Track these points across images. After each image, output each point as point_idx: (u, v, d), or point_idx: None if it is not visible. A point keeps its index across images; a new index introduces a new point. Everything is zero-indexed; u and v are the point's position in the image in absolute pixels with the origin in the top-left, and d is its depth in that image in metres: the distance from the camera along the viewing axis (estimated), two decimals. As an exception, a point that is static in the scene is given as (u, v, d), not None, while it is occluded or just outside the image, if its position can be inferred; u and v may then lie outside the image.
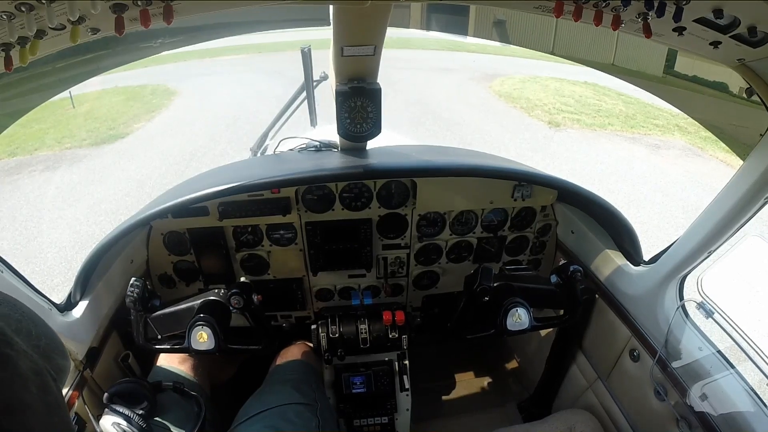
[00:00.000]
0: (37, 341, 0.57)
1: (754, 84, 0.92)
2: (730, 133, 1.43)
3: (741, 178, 1.05)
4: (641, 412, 1.50)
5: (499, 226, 1.86)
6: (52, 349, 0.60)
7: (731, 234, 1.16)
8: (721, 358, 1.24)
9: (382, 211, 1.76)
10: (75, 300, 1.43)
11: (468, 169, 1.66)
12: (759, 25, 0.74)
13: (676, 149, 7.94)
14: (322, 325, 1.69)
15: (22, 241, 4.97)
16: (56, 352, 0.60)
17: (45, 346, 0.58)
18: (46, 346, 0.58)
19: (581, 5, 0.76)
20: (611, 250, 1.64)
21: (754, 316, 1.15)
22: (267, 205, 1.66)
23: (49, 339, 0.60)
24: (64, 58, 1.04)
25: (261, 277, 1.85)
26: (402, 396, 1.75)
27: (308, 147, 2.00)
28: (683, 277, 1.37)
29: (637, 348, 1.49)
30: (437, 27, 17.30)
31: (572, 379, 1.85)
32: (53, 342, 0.61)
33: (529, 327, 1.53)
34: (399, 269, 1.92)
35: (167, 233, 1.71)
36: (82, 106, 10.54)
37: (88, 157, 7.64)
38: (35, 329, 0.58)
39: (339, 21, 0.95)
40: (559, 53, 9.88)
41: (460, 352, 2.51)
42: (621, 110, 10.15)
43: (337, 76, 1.24)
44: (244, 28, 2.18)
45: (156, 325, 1.49)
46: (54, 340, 0.61)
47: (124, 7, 0.68)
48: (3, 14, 0.62)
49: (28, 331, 0.56)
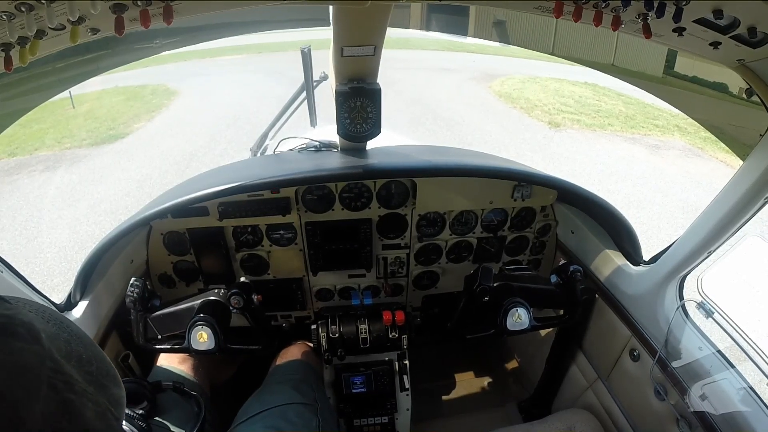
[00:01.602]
0: (88, 366, 0.50)
1: (754, 84, 0.92)
2: (730, 133, 1.43)
3: (741, 178, 1.05)
4: (641, 411, 1.50)
5: (499, 226, 1.86)
6: (105, 374, 0.52)
7: (731, 234, 1.16)
8: (721, 357, 1.24)
9: (382, 211, 1.76)
10: (75, 300, 1.43)
11: (468, 169, 1.66)
12: (759, 25, 0.74)
13: (676, 149, 7.94)
14: (322, 325, 1.69)
15: (22, 241, 4.97)
16: (109, 378, 0.53)
17: (97, 372, 0.51)
18: (98, 371, 0.51)
19: (581, 6, 0.76)
20: (611, 250, 1.64)
21: (754, 316, 1.15)
22: (267, 205, 1.66)
23: (100, 362, 0.52)
24: (64, 58, 1.04)
25: (261, 277, 1.85)
26: (402, 396, 1.75)
27: (308, 147, 2.00)
28: (683, 277, 1.37)
29: (637, 348, 1.49)
30: (437, 27, 17.29)
31: (572, 379, 1.85)
32: (104, 365, 0.53)
33: (529, 327, 1.53)
34: (399, 269, 1.92)
35: (167, 233, 1.71)
36: (82, 106, 10.54)
37: (88, 157, 7.64)
38: (85, 352, 0.51)
39: (339, 21, 0.95)
40: (559, 53, 9.87)
41: (460, 352, 2.51)
42: (621, 111, 10.15)
43: (337, 76, 1.24)
44: (244, 28, 2.18)
45: (156, 325, 1.49)
46: (105, 362, 0.54)
47: (124, 7, 0.68)
48: (3, 14, 0.62)
49: (78, 355, 0.49)
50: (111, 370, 0.55)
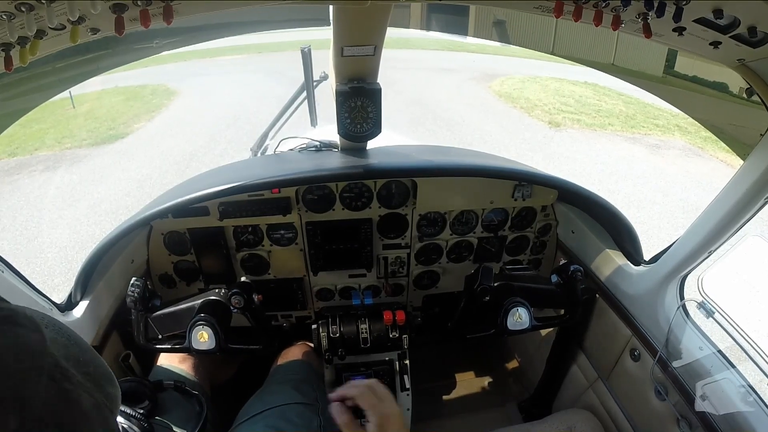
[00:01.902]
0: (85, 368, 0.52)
1: (754, 84, 0.92)
2: (730, 133, 1.43)
3: (741, 178, 1.05)
4: (642, 411, 1.50)
5: (499, 225, 1.86)
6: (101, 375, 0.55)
7: (731, 234, 1.16)
8: (721, 357, 1.24)
9: (382, 211, 1.76)
10: (75, 300, 1.43)
11: (468, 169, 1.66)
12: (759, 25, 0.74)
13: (676, 149, 7.94)
14: (322, 324, 1.69)
15: (22, 241, 4.98)
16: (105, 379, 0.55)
17: (94, 373, 0.53)
18: (95, 373, 0.53)
19: (581, 5, 0.76)
20: (611, 249, 1.64)
21: (755, 315, 1.15)
22: (267, 205, 1.66)
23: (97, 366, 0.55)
24: (64, 58, 1.03)
25: (261, 277, 1.85)
26: (402, 396, 1.75)
27: (308, 147, 2.00)
28: (684, 276, 1.37)
29: (637, 348, 1.49)
30: (437, 27, 17.31)
31: (572, 379, 1.85)
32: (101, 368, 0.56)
33: (529, 327, 1.52)
34: (399, 269, 1.92)
35: (167, 233, 1.71)
36: (82, 106, 10.55)
37: (88, 157, 7.64)
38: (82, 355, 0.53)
39: (339, 21, 0.95)
40: (559, 53, 9.88)
41: (461, 352, 2.51)
42: (621, 110, 10.16)
43: (337, 76, 1.24)
44: (244, 28, 2.18)
45: (156, 325, 1.49)
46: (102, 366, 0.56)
47: (124, 7, 0.68)
48: (3, 14, 0.62)
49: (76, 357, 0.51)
50: (108, 373, 0.57)
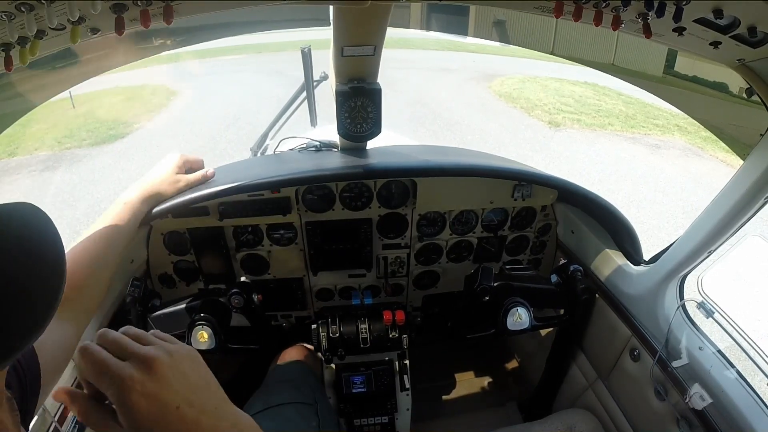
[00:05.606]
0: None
1: (754, 84, 0.92)
2: (730, 133, 1.43)
3: (741, 178, 1.05)
4: (641, 411, 1.50)
5: (499, 225, 1.86)
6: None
7: (731, 234, 1.16)
8: (721, 357, 1.24)
9: (382, 211, 1.76)
10: None
11: (468, 169, 1.66)
12: (759, 25, 0.74)
13: (676, 149, 7.94)
14: (322, 324, 1.69)
15: (22, 241, 4.96)
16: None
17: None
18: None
19: (581, 5, 0.76)
20: (611, 249, 1.64)
21: (755, 315, 1.15)
22: (267, 205, 1.66)
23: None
24: (64, 58, 1.04)
25: (261, 276, 1.85)
26: (402, 396, 1.75)
27: (308, 147, 1.99)
28: (683, 276, 1.37)
29: (637, 347, 1.49)
30: (437, 27, 17.29)
31: (572, 379, 1.85)
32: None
33: (529, 327, 1.53)
34: (399, 269, 1.92)
35: (167, 233, 1.71)
36: (82, 106, 10.53)
37: (88, 157, 7.64)
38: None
39: (339, 21, 0.95)
40: (559, 53, 9.87)
41: (460, 351, 2.51)
42: (621, 110, 10.16)
43: (337, 76, 1.24)
44: (244, 28, 2.18)
45: (156, 325, 1.49)
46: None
47: (124, 7, 0.68)
48: (3, 14, 0.62)
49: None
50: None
